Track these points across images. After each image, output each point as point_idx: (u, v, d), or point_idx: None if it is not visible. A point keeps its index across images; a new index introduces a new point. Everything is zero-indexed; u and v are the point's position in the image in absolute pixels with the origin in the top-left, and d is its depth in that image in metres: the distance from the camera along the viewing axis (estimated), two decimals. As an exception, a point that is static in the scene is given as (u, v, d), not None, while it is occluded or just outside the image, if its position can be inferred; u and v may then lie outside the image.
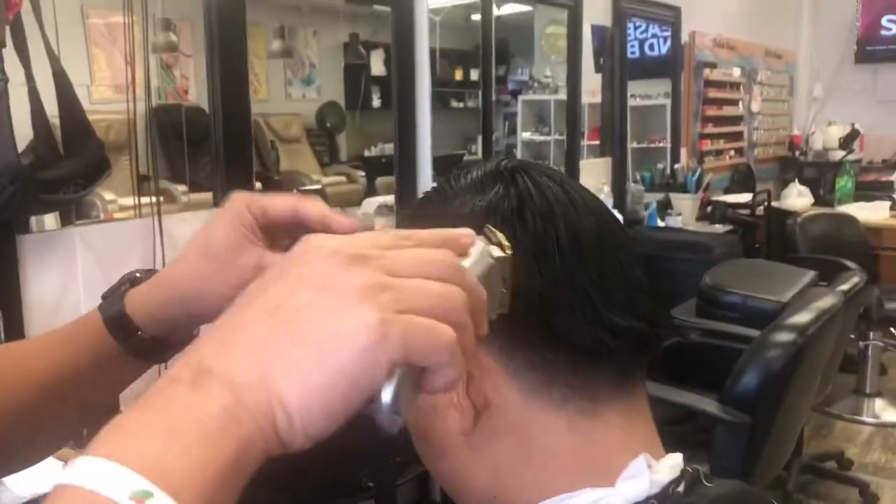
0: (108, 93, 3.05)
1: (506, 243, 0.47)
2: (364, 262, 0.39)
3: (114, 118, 2.60)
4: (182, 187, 2.95)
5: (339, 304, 0.37)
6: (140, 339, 0.62)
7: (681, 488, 0.56)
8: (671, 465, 0.58)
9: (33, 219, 1.88)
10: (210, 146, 2.36)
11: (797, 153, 6.89)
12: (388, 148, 3.64)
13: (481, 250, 0.45)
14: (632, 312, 0.56)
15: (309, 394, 0.36)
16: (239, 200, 0.59)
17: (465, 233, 0.45)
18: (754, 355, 1.99)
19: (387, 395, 0.38)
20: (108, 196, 2.34)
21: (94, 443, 0.35)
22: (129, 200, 2.22)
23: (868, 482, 3.41)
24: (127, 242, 2.05)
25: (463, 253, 0.44)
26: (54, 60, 1.84)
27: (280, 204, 0.57)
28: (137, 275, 0.64)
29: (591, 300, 0.54)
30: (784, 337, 1.98)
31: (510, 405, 0.55)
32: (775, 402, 2.01)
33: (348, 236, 0.41)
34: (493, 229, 0.48)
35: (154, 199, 2.15)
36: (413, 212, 0.62)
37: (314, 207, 0.56)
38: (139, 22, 2.10)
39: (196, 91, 3.60)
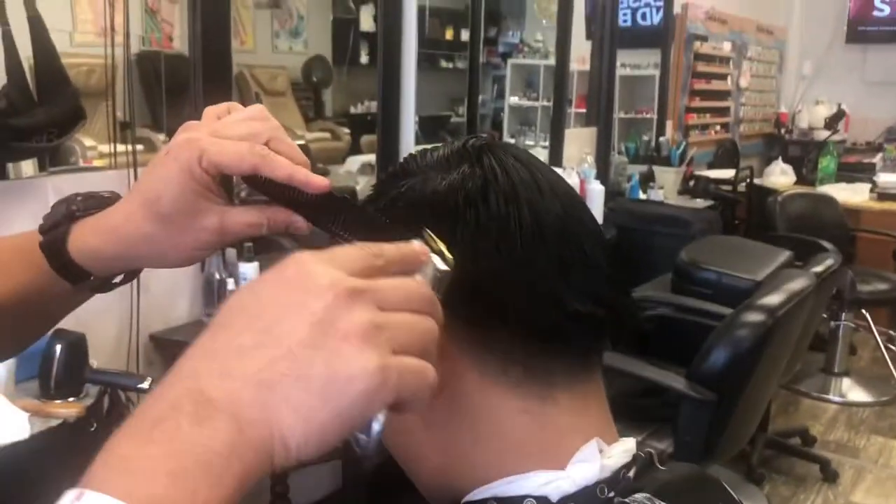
0: (92, 37, 2.98)
1: (448, 255, 0.49)
2: (360, 298, 0.41)
3: (96, 62, 2.55)
4: (162, 136, 2.92)
5: (341, 346, 0.40)
6: (91, 281, 0.63)
7: (631, 473, 0.57)
8: (623, 449, 0.58)
9: (10, 165, 1.85)
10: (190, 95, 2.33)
11: (783, 131, 6.90)
12: (374, 106, 3.60)
13: (430, 265, 0.48)
14: (592, 298, 0.55)
15: (309, 431, 0.39)
16: (186, 148, 0.55)
17: (421, 250, 0.47)
18: (724, 334, 2.01)
19: (376, 429, 0.42)
20: (88, 142, 2.30)
21: (99, 472, 0.37)
22: (109, 148, 2.19)
23: (829, 459, 3.48)
24: (102, 193, 2.01)
25: (418, 269, 0.47)
26: (30, 5, 1.80)
27: (237, 159, 0.54)
28: (73, 207, 0.62)
29: (550, 285, 0.54)
30: (754, 317, 1.99)
31: (465, 387, 0.54)
32: (742, 381, 2.03)
33: (331, 254, 0.43)
34: (433, 236, 0.49)
35: (130, 147, 2.12)
36: (377, 189, 0.60)
37: (280, 168, 0.55)
38: (121, -35, 2.05)
39: (180, 38, 3.54)
